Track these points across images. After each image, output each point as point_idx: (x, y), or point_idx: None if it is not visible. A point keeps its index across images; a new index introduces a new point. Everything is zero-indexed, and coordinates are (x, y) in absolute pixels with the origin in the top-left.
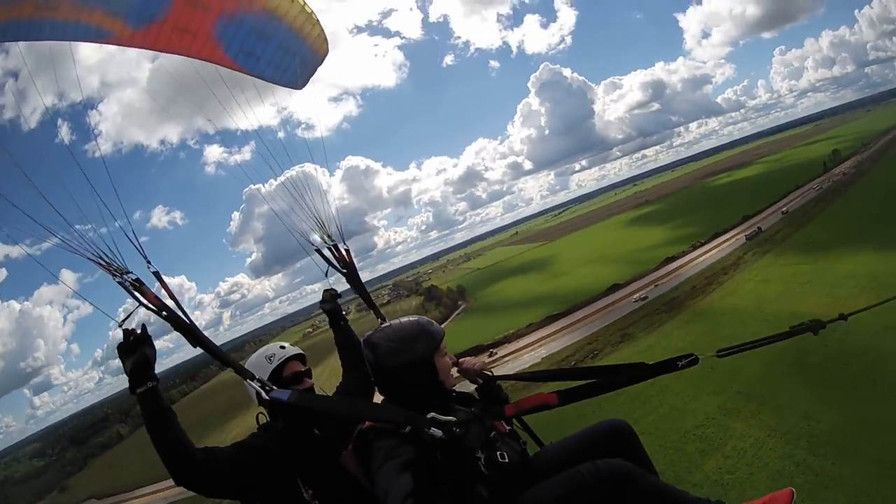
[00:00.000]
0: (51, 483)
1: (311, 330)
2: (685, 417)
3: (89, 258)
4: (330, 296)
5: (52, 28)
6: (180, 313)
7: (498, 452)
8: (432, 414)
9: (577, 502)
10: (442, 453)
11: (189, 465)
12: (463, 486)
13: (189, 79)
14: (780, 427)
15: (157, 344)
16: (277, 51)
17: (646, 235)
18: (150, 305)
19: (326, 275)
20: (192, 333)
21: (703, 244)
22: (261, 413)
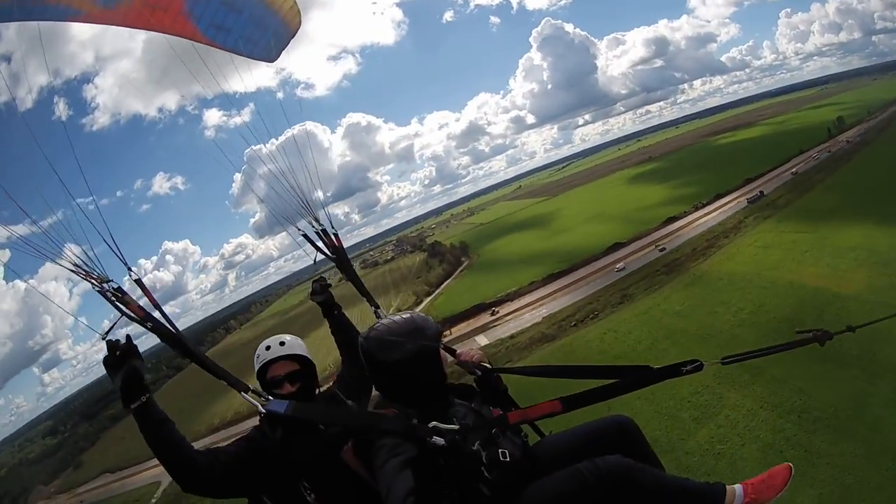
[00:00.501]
0: (65, 460)
1: None
2: (682, 383)
3: (66, 267)
4: (321, 287)
5: (21, 9)
6: (166, 322)
7: (500, 451)
8: (434, 423)
9: (577, 501)
10: (444, 459)
11: (192, 472)
12: (465, 488)
13: (183, 46)
14: (772, 399)
15: (167, 309)
16: (249, 24)
17: (648, 193)
18: (134, 316)
19: (315, 261)
20: (179, 344)
21: (704, 205)
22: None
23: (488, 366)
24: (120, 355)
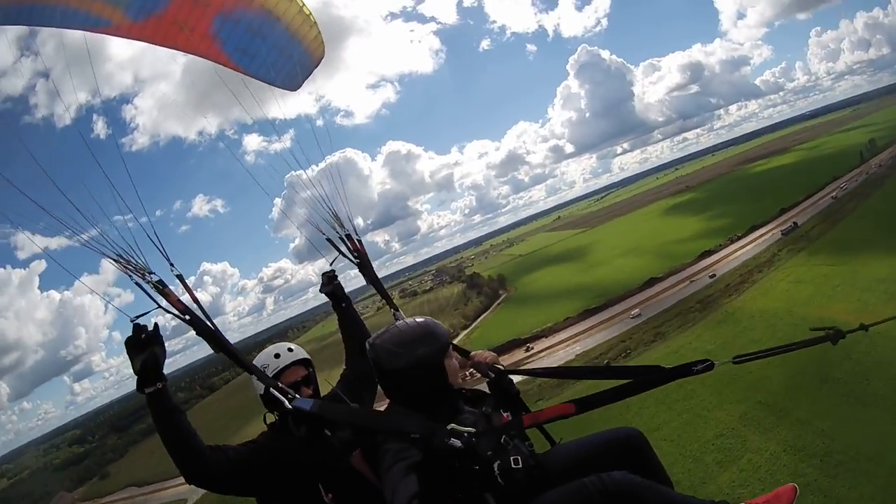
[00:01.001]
0: (91, 469)
1: None
2: (707, 425)
3: (109, 257)
4: (328, 279)
5: (52, 14)
6: (203, 318)
7: (512, 458)
8: (452, 425)
9: None
10: (459, 462)
11: (199, 463)
12: (474, 493)
13: (223, 70)
14: (796, 443)
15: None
16: (273, 51)
17: (684, 226)
18: (173, 309)
19: (331, 264)
20: (214, 339)
21: (739, 238)
22: (268, 413)
23: (501, 367)
24: (144, 339)
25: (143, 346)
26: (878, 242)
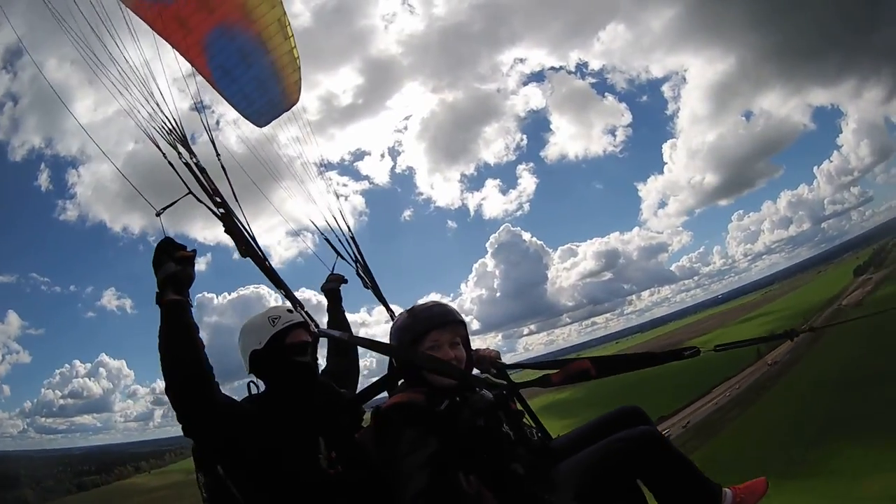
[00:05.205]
0: None
1: None
2: None
3: (163, 130)
4: (335, 277)
5: None
6: (240, 215)
7: (526, 428)
8: (486, 374)
9: (613, 465)
10: (486, 419)
11: (206, 395)
12: (503, 457)
13: (161, 174)
14: None
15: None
16: (251, 82)
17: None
18: (213, 197)
19: (333, 269)
20: (246, 243)
21: None
22: (252, 382)
23: (502, 364)
24: (181, 258)
25: (178, 262)
26: (746, 464)
